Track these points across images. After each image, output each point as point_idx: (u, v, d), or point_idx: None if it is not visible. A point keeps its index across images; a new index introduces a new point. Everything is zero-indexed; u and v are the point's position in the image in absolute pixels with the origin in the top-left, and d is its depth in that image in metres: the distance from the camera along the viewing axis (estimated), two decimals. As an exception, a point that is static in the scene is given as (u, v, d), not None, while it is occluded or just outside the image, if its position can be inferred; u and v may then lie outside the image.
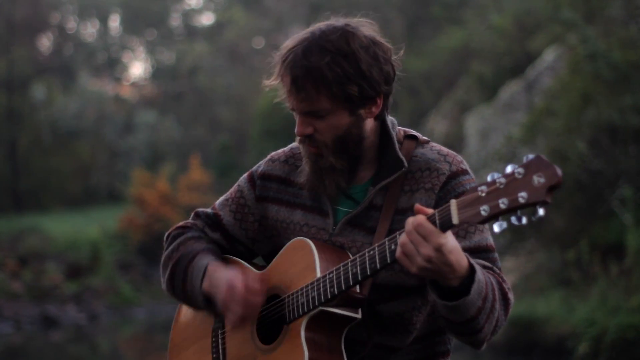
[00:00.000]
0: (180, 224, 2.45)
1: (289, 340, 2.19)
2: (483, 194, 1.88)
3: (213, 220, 2.42)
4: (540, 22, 15.76)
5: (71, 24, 39.90)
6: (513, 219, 1.85)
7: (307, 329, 2.16)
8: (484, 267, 2.14)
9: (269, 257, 2.39)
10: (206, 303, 2.30)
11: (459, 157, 2.26)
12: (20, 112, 30.57)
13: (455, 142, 16.85)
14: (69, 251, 21.95)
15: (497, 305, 2.09)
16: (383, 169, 2.23)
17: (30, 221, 24.71)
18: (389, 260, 2.04)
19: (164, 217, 24.68)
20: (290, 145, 2.41)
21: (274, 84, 2.24)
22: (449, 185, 2.20)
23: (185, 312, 2.46)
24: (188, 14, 41.72)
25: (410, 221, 1.96)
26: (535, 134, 12.72)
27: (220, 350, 2.33)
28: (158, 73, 39.39)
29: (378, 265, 2.06)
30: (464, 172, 2.23)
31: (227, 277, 2.23)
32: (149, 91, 38.37)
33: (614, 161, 11.36)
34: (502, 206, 1.85)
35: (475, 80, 18.03)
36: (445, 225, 1.94)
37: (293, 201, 2.32)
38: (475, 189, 1.89)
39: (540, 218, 1.83)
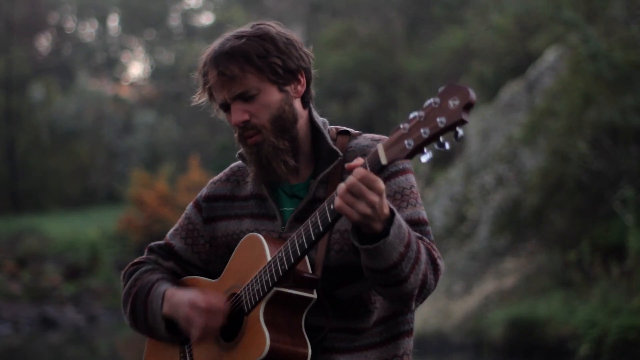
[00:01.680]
0: (135, 260, 2.52)
1: (250, 328, 2.23)
2: (406, 130, 1.97)
3: (165, 250, 2.48)
4: (541, 22, 15.76)
5: (70, 24, 39.90)
6: (437, 146, 1.94)
7: (266, 312, 2.20)
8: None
9: None
10: (168, 330, 2.36)
11: None
12: (18, 113, 30.55)
13: (456, 142, 16.80)
14: (68, 252, 21.94)
15: (424, 260, 2.14)
16: (321, 163, 2.30)
17: (29, 222, 24.69)
18: (329, 220, 2.10)
19: (163, 218, 24.66)
20: (229, 166, 2.52)
21: (201, 99, 2.38)
22: (382, 174, 2.23)
23: (151, 346, 2.50)
24: (187, 14, 41.71)
25: (351, 176, 2.03)
26: (536, 135, 12.72)
27: None
28: (157, 73, 39.39)
29: (321, 228, 2.11)
30: None
31: (186, 296, 2.30)
32: (148, 91, 38.35)
33: (615, 162, 11.36)
34: (425, 135, 1.93)
35: (475, 80, 18.02)
36: (375, 168, 2.02)
37: (241, 213, 2.38)
38: (398, 129, 1.98)
39: (462, 138, 1.92)
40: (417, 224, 2.26)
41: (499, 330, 11.19)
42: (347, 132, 2.37)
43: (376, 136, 2.35)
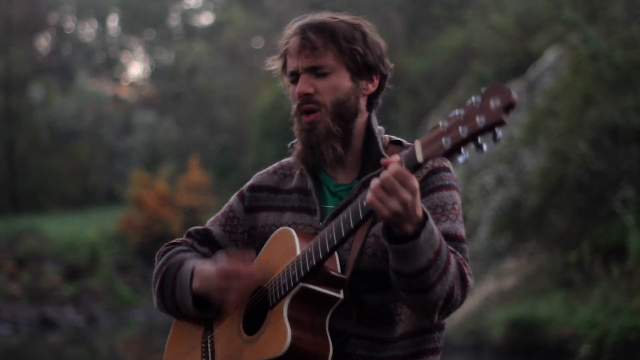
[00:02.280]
0: (171, 241, 2.52)
1: (273, 322, 2.20)
2: (444, 129, 1.93)
3: (202, 235, 2.48)
4: (542, 22, 15.75)
5: (69, 24, 39.88)
6: (475, 148, 1.91)
7: (290, 307, 2.17)
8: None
9: None
10: (196, 305, 2.34)
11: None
12: (18, 113, 30.54)
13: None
14: (67, 253, 21.93)
15: (453, 272, 2.11)
16: (368, 167, 2.29)
17: (28, 222, 24.68)
18: (361, 216, 2.07)
19: (162, 219, 24.66)
20: (279, 161, 2.47)
21: (276, 65, 2.33)
22: (429, 179, 2.25)
23: (175, 332, 2.49)
24: (187, 14, 41.70)
25: (386, 171, 2.01)
26: (537, 135, 12.71)
27: (210, 354, 2.35)
28: (157, 73, 39.37)
29: (352, 224, 2.09)
30: (446, 169, 2.28)
31: (214, 267, 2.28)
32: (147, 91, 38.34)
33: (616, 162, 11.35)
34: (463, 135, 1.90)
35: (476, 81, 18.00)
36: (411, 164, 1.99)
37: (282, 205, 2.37)
38: (437, 127, 1.95)
39: (499, 139, 1.90)
40: (453, 239, 2.23)
41: (499, 331, 11.18)
42: (400, 142, 2.35)
43: None
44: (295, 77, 2.29)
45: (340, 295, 2.18)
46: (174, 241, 2.49)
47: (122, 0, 39.35)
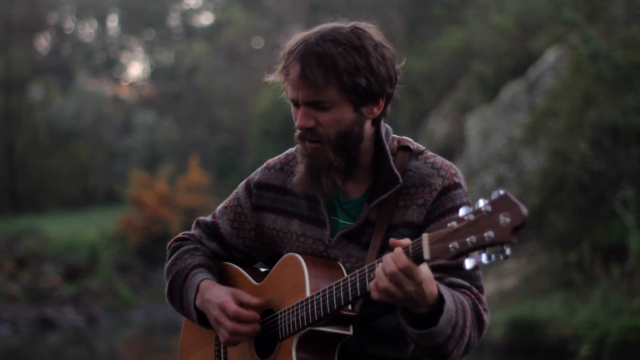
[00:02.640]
0: (180, 235, 2.51)
1: (282, 357, 2.22)
2: (453, 230, 1.94)
3: (211, 229, 2.45)
4: (542, 22, 15.73)
5: (69, 24, 39.86)
6: (483, 257, 1.91)
7: (298, 348, 2.20)
8: (461, 286, 2.18)
9: (268, 261, 2.43)
10: (200, 320, 2.37)
11: (453, 169, 2.29)
12: (17, 113, 30.52)
13: (456, 143, 16.79)
14: (67, 253, 21.90)
15: (468, 331, 2.14)
16: (378, 185, 2.25)
17: (28, 223, 24.65)
18: (367, 289, 2.08)
19: (162, 219, 24.63)
20: (285, 152, 2.43)
21: (275, 79, 2.26)
22: (440, 200, 2.23)
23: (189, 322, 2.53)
24: (187, 14, 41.68)
25: (393, 263, 2.00)
26: (537, 135, 12.69)
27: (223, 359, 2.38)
28: (157, 73, 39.35)
29: (359, 293, 2.10)
30: (456, 185, 2.27)
31: (219, 297, 2.28)
32: (147, 92, 38.32)
33: (616, 162, 11.33)
34: (470, 244, 1.91)
35: (476, 81, 18.00)
36: (417, 259, 2.00)
37: (290, 210, 2.34)
38: (445, 225, 1.95)
39: (507, 257, 1.89)
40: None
41: (500, 331, 11.16)
42: (408, 148, 2.30)
43: (438, 162, 2.28)
44: (296, 103, 2.24)
45: (350, 332, 2.20)
46: (181, 235, 2.49)
47: (121, 0, 39.32)
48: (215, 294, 2.29)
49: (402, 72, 2.30)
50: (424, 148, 2.31)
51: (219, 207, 2.47)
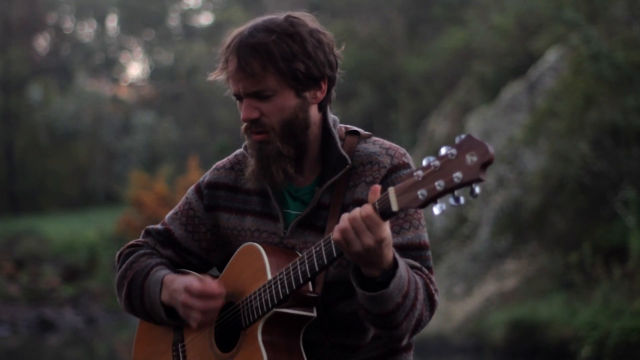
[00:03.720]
0: (131, 242, 2.47)
1: (247, 345, 2.21)
2: (419, 178, 1.92)
3: (164, 236, 2.43)
4: (543, 22, 15.75)
5: (68, 24, 39.85)
6: (451, 200, 1.89)
7: (264, 332, 2.18)
8: (412, 266, 2.18)
9: (223, 266, 2.40)
10: (168, 315, 2.32)
11: (402, 150, 2.29)
12: (16, 113, 30.51)
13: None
14: (66, 254, 21.89)
15: (420, 305, 2.12)
16: (328, 168, 2.25)
17: (27, 223, 24.64)
18: (335, 255, 2.06)
19: (162, 219, 24.58)
20: (234, 153, 2.44)
21: (217, 77, 2.28)
22: (389, 179, 2.22)
23: (144, 331, 2.47)
24: (186, 14, 41.67)
25: (358, 210, 1.99)
26: (538, 136, 12.68)
27: None
28: (156, 74, 39.34)
29: (325, 261, 2.08)
30: (405, 165, 2.25)
31: (184, 282, 2.25)
32: (146, 92, 38.30)
33: (617, 163, 11.32)
34: (439, 188, 1.89)
35: (476, 81, 18.00)
36: (385, 213, 1.98)
37: (243, 208, 2.33)
38: (411, 174, 1.94)
39: (477, 196, 1.87)
40: (417, 248, 2.22)
41: (500, 332, 11.16)
42: (356, 132, 2.31)
43: (386, 143, 2.29)
44: (239, 97, 2.26)
45: (314, 314, 2.19)
46: (134, 242, 2.45)
47: (121, 0, 39.31)
48: (181, 282, 2.26)
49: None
50: (371, 134, 2.32)
51: (168, 214, 2.45)
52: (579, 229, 11.60)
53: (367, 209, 1.98)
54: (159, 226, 2.45)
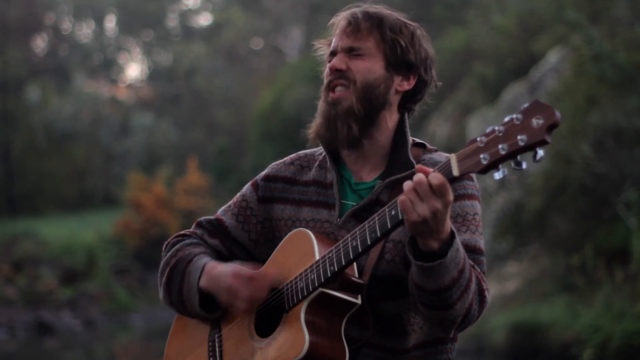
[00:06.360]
0: (179, 232, 2.48)
1: (289, 326, 2.18)
2: (482, 144, 1.91)
3: (214, 226, 2.44)
4: (544, 23, 15.73)
5: (66, 25, 39.81)
6: (513, 165, 1.89)
7: (307, 312, 2.15)
8: None
9: None
10: (202, 304, 2.31)
11: None
12: (14, 115, 30.47)
13: (458, 144, 16.70)
14: (64, 256, 21.84)
15: (473, 289, 2.10)
16: (392, 168, 2.28)
17: (25, 225, 24.59)
18: (389, 226, 2.05)
19: (160, 222, 24.58)
20: (297, 152, 2.46)
21: (321, 49, 2.36)
22: (452, 186, 2.18)
23: (178, 326, 2.45)
24: (185, 15, 41.67)
25: (430, 175, 1.99)
26: (539, 137, 12.63)
27: (218, 353, 2.32)
28: (155, 75, 39.34)
29: (378, 233, 2.07)
30: (469, 177, 2.28)
31: (229, 268, 2.26)
32: (145, 93, 38.29)
33: (619, 164, 11.32)
34: (502, 152, 1.88)
35: (477, 82, 17.99)
36: (446, 177, 1.98)
37: (299, 199, 2.35)
38: (474, 141, 1.93)
39: (539, 160, 1.86)
40: (472, 251, 2.21)
41: (502, 335, 11.15)
42: (423, 145, 2.36)
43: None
44: (334, 56, 2.31)
45: (359, 301, 2.16)
46: (183, 232, 2.46)
47: (119, 0, 39.30)
48: (225, 268, 2.27)
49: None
50: (437, 148, 2.37)
51: (221, 208, 2.47)
52: (580, 231, 11.59)
53: (435, 174, 1.98)
54: (210, 217, 2.46)
